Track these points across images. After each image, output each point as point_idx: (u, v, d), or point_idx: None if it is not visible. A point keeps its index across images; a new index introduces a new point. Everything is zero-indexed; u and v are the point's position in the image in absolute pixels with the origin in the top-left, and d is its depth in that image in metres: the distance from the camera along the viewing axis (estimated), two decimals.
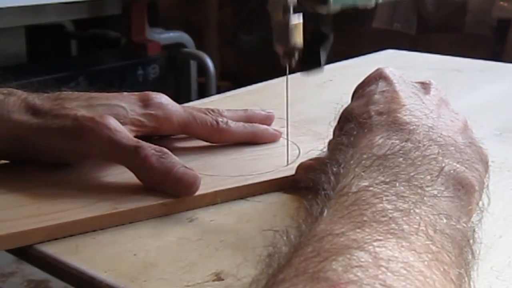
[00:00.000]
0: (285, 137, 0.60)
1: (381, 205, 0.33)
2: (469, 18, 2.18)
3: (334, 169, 0.39)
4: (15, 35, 1.95)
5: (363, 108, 0.46)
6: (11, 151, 0.52)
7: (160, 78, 2.15)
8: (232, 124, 0.58)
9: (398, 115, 0.44)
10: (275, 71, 0.61)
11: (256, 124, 0.61)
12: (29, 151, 0.52)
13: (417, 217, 0.32)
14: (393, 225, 0.31)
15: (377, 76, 0.50)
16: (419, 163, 0.38)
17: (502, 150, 0.63)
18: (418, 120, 0.43)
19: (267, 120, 0.63)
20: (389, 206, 0.33)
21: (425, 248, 0.30)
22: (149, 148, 0.49)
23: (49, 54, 2.26)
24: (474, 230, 0.37)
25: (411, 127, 0.42)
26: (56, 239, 0.44)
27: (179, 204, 0.48)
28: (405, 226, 0.31)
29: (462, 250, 0.33)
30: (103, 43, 2.30)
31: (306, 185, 0.43)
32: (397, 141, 0.40)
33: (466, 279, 0.32)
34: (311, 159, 0.53)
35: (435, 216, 0.33)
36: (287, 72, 0.53)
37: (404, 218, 0.32)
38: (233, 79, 2.48)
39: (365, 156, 0.39)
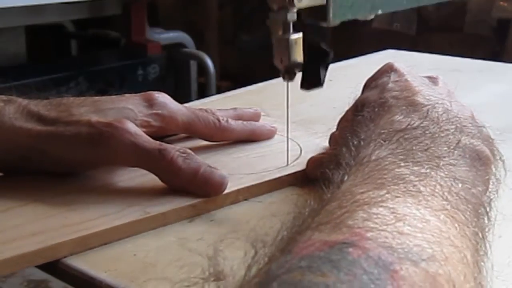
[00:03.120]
0: (280, 133, 0.61)
1: (399, 170, 0.35)
2: (469, 18, 2.18)
3: (355, 142, 0.41)
4: (15, 35, 1.95)
5: (378, 95, 0.48)
6: (14, 162, 0.51)
7: (160, 78, 2.15)
8: (232, 122, 0.58)
9: (415, 98, 0.46)
10: (275, 71, 0.61)
11: (253, 122, 0.62)
12: (36, 161, 0.50)
13: (433, 181, 0.34)
14: (410, 187, 0.33)
15: (388, 69, 0.51)
16: (436, 136, 0.40)
17: (502, 150, 0.63)
18: (434, 102, 0.45)
19: (255, 117, 0.64)
20: (406, 171, 0.35)
21: (441, 207, 0.32)
22: (174, 150, 0.48)
23: (49, 54, 2.26)
24: (490, 198, 0.39)
25: (428, 108, 0.44)
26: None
27: (207, 204, 0.48)
28: (422, 188, 0.33)
29: (477, 212, 0.35)
30: (103, 43, 2.29)
31: (317, 178, 0.44)
32: (416, 118, 0.42)
33: (481, 238, 0.33)
34: (321, 153, 0.54)
35: (451, 180, 0.35)
36: (287, 89, 0.54)
37: (421, 182, 0.34)
38: (233, 79, 2.48)
39: (385, 131, 0.41)
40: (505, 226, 0.47)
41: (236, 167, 0.54)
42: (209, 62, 2.23)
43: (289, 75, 0.51)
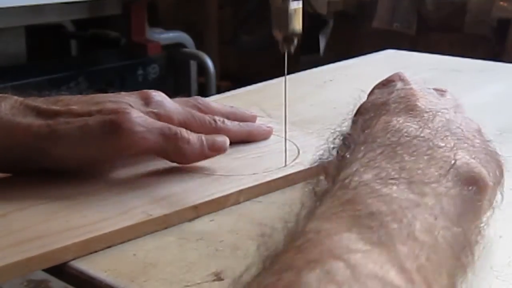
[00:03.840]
0: (277, 133, 0.61)
1: (376, 207, 0.32)
2: (469, 18, 2.18)
3: (342, 153, 0.39)
4: (15, 35, 1.95)
5: (381, 100, 0.47)
6: (13, 161, 0.49)
7: (160, 78, 2.15)
8: (228, 123, 0.58)
9: (417, 103, 0.44)
10: (275, 71, 0.61)
11: (249, 123, 0.62)
12: (36, 160, 0.49)
13: (412, 221, 0.31)
14: (382, 231, 0.30)
15: (396, 78, 0.51)
16: (430, 151, 0.37)
17: (502, 150, 0.63)
18: (437, 111, 0.43)
19: (252, 119, 0.64)
20: (384, 208, 0.32)
21: (413, 259, 0.29)
22: (175, 127, 0.51)
23: (49, 54, 2.26)
24: (480, 230, 0.37)
25: (429, 115, 0.42)
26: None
27: (209, 205, 0.48)
28: (396, 232, 0.30)
29: (458, 254, 0.32)
30: (103, 43, 2.29)
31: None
32: (414, 126, 0.40)
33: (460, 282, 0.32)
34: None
35: (433, 217, 0.32)
36: (286, 58, 0.53)
37: (397, 223, 0.31)
38: (233, 79, 2.48)
39: (378, 140, 0.39)
40: (505, 226, 0.47)
41: (236, 168, 0.54)
42: (209, 62, 2.23)
43: (287, 44, 0.51)
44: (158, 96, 0.55)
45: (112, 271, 0.40)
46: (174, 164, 0.53)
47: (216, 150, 0.53)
